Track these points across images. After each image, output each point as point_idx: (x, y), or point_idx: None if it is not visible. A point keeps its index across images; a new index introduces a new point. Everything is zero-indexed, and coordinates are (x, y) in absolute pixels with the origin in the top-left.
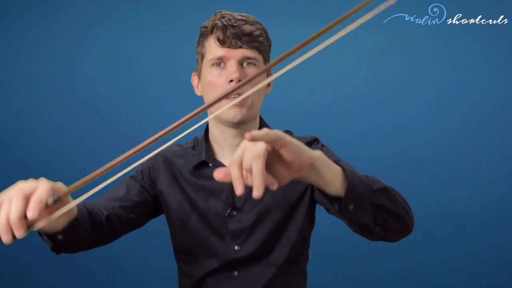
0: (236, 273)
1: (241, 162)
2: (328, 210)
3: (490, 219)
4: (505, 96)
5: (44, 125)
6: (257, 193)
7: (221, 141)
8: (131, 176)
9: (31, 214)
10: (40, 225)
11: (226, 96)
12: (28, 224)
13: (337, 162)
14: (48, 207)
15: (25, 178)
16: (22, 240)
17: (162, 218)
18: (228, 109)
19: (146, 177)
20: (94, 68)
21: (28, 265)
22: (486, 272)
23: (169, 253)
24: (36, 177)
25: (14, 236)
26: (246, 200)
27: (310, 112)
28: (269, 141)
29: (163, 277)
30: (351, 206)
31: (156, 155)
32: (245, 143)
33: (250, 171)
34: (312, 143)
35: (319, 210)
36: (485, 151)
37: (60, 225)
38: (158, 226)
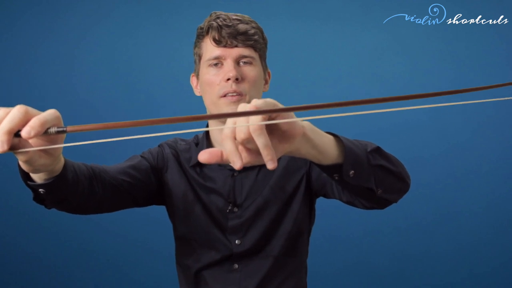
0: (236, 266)
1: (234, 135)
2: (326, 194)
3: (490, 219)
4: (505, 96)
5: None
6: (272, 164)
7: (221, 139)
8: (141, 155)
9: (27, 130)
10: (26, 150)
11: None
12: (14, 143)
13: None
14: (47, 136)
15: None
16: (22, 240)
17: (162, 218)
18: (226, 107)
19: (155, 161)
20: (94, 68)
21: (28, 265)
22: (486, 272)
23: (169, 253)
24: None
25: (25, 179)
26: (247, 196)
27: (310, 112)
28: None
29: (163, 277)
30: (352, 172)
31: (164, 145)
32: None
33: (244, 143)
34: None
35: (319, 211)
36: (485, 151)
37: (41, 170)
38: (158, 227)
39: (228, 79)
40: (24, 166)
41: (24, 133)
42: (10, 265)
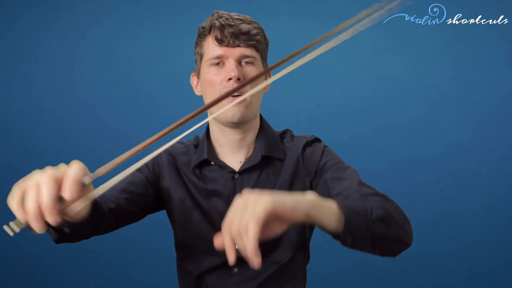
0: (236, 269)
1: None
2: None
3: (490, 219)
4: (505, 96)
5: (44, 125)
6: (256, 263)
7: (222, 140)
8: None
9: (68, 194)
10: (76, 208)
11: (227, 95)
12: (61, 208)
13: (334, 195)
14: (84, 188)
15: None
16: (22, 240)
17: (162, 218)
18: (227, 109)
19: (151, 171)
20: (94, 68)
21: (28, 265)
22: (486, 272)
23: (169, 253)
24: None
25: (48, 224)
26: None
27: (310, 112)
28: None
29: (163, 277)
30: (349, 239)
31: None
32: (240, 202)
33: (238, 235)
34: (312, 142)
35: None
36: (485, 151)
37: (81, 213)
38: (158, 227)
39: (230, 79)
40: (72, 218)
41: (67, 196)
42: (10, 265)
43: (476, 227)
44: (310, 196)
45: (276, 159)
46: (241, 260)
